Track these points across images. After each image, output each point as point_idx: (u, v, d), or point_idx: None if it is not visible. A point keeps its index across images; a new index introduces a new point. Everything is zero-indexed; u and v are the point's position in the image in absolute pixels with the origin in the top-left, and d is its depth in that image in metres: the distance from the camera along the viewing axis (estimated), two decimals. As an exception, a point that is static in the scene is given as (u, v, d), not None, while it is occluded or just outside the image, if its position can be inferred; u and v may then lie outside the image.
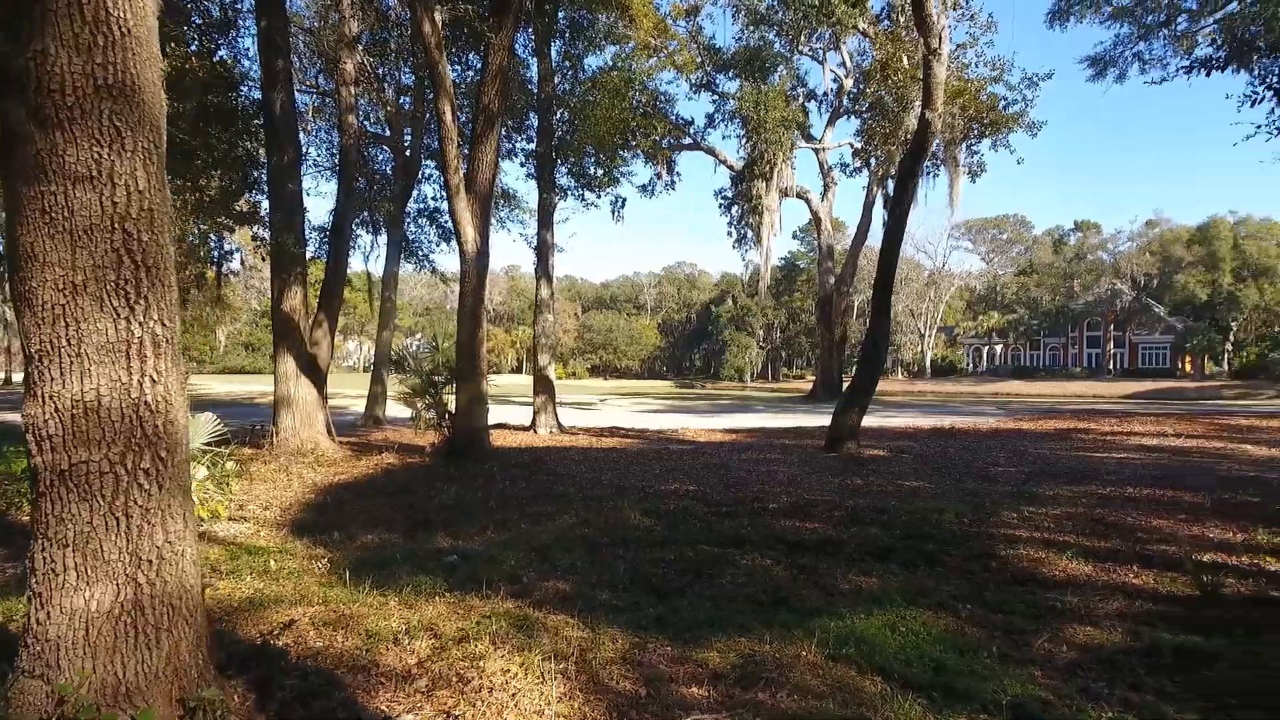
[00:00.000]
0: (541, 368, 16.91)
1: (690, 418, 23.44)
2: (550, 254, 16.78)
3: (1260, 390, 70.44)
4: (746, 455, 12.85)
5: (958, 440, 15.10)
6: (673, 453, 13.29)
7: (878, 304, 12.87)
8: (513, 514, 8.00)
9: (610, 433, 17.47)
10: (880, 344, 12.77)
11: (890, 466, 11.30)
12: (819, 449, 13.29)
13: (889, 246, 12.69)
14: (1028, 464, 11.55)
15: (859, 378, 12.93)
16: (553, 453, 12.99)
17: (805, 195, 31.34)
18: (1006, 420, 19.87)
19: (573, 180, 17.28)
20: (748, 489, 9.45)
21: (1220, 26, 30.78)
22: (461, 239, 10.40)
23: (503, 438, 15.65)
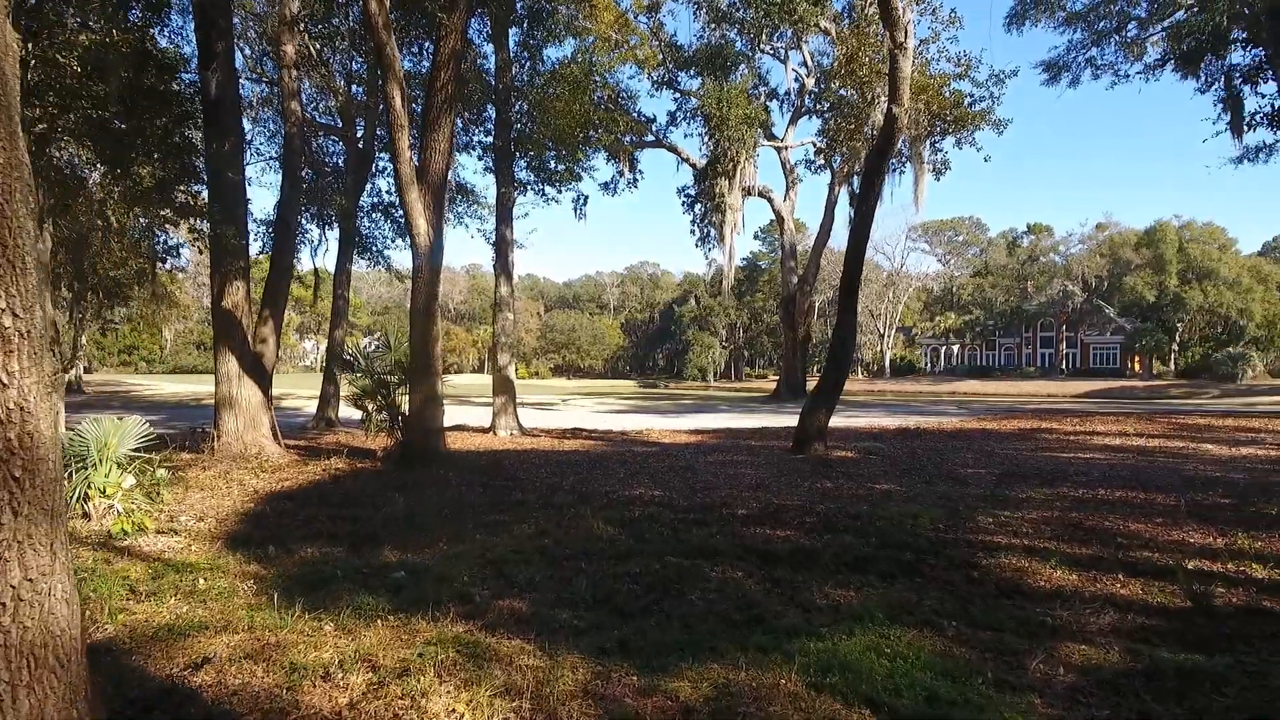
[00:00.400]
0: (501, 367, 16.36)
1: (654, 418, 23.07)
2: (509, 250, 16.24)
3: (1205, 389, 72.74)
4: (713, 457, 12.51)
5: (924, 441, 14.97)
6: (637, 455, 12.88)
7: (844, 303, 12.63)
8: (467, 524, 7.51)
9: (573, 434, 16.99)
10: (847, 343, 12.54)
11: (859, 469, 11.04)
12: (786, 450, 13.00)
13: (855, 244, 12.45)
14: (996, 465, 11.40)
15: (826, 378, 12.67)
16: (512, 456, 12.48)
17: (768, 194, 31.24)
18: (969, 420, 19.88)
19: (532, 175, 16.77)
20: (715, 493, 9.09)
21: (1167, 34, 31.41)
22: (414, 232, 9.83)
23: (461, 440, 15.09)
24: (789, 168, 31.74)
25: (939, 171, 24.64)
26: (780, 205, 31.28)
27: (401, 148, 9.43)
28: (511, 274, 16.39)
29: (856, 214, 12.35)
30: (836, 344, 12.63)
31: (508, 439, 15.48)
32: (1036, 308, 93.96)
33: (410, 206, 9.75)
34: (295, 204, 13.01)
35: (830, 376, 12.63)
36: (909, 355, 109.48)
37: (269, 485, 9.68)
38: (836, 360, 12.63)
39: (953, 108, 21.51)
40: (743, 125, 23.88)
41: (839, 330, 12.63)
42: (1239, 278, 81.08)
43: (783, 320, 33.16)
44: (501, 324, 16.29)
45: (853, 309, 12.59)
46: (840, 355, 12.56)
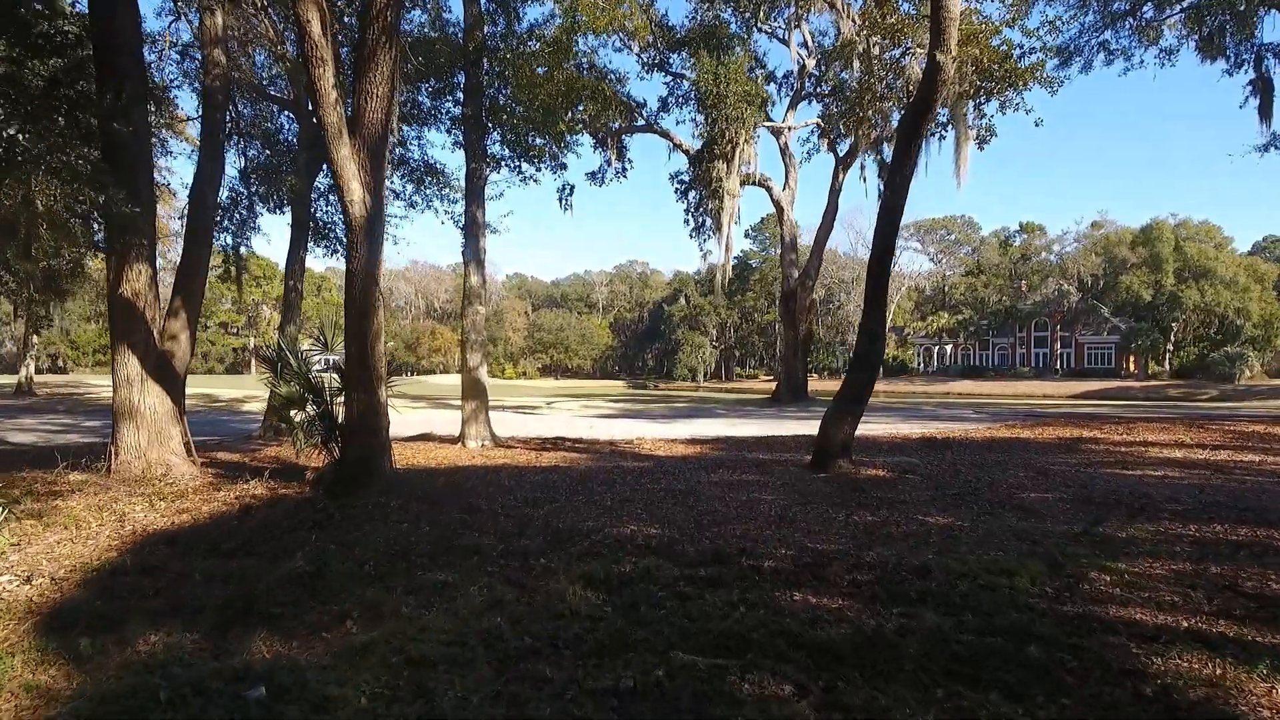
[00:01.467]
0: (471, 369, 14.27)
1: (645, 424, 21.04)
2: (481, 234, 14.17)
3: (1202, 389, 71.68)
4: (718, 476, 10.50)
5: (958, 453, 13.03)
6: (627, 473, 10.86)
7: (872, 293, 10.67)
8: (395, 585, 5.47)
9: (554, 445, 14.94)
10: (877, 340, 10.57)
11: (899, 492, 9.06)
12: (804, 467, 11.01)
13: (887, 223, 10.48)
14: (1060, 487, 9.46)
15: (853, 381, 10.68)
16: (478, 476, 10.41)
17: (766, 183, 29.24)
18: (995, 426, 17.97)
19: (508, 149, 14.73)
20: (729, 531, 7.09)
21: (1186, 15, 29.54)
22: (346, 198, 7.78)
23: (422, 454, 13.01)
24: (788, 155, 29.80)
25: (982, 139, 21.94)
26: (779, 195, 29.31)
27: (324, 88, 7.36)
28: (483, 261, 14.31)
29: (888, 186, 10.38)
30: (864, 342, 10.64)
31: (478, 451, 13.42)
32: (1031, 307, 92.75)
33: (340, 166, 7.68)
34: (216, 176, 10.89)
35: (857, 380, 10.64)
36: (901, 355, 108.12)
37: (157, 521, 7.59)
38: (865, 361, 10.64)
39: (1001, 60, 18.79)
40: (742, 103, 21.88)
41: (867, 325, 10.64)
42: (1236, 276, 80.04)
43: (782, 318, 31.20)
44: (472, 319, 14.21)
45: (882, 301, 10.63)
46: (869, 355, 10.58)
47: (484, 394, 14.32)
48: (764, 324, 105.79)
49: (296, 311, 16.83)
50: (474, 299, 14.15)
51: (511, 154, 14.67)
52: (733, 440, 15.65)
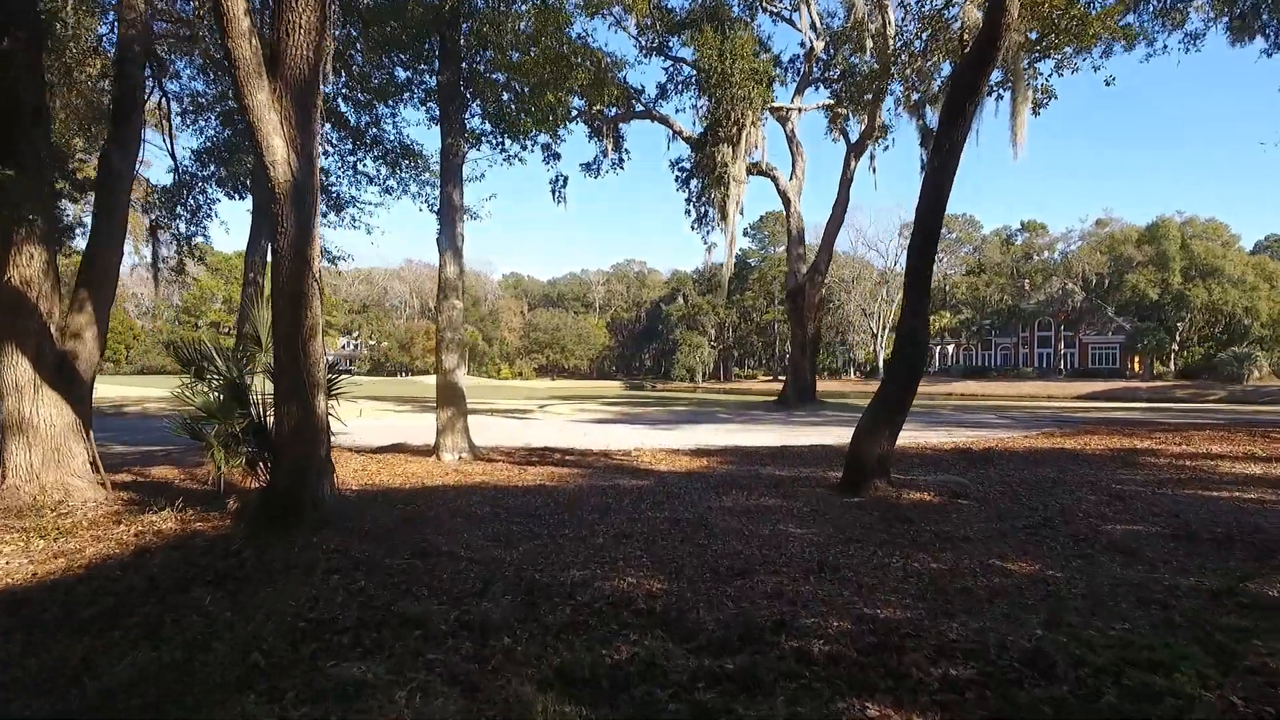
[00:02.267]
0: (447, 371, 12.59)
1: (644, 431, 19.38)
2: (458, 219, 12.48)
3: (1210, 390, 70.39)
4: (732, 500, 8.84)
5: (1002, 467, 11.39)
6: (624, 494, 9.20)
7: (913, 282, 9.01)
8: (288, 688, 3.80)
9: (541, 457, 13.27)
10: (920, 338, 8.90)
11: (956, 523, 7.41)
12: (831, 488, 9.35)
13: (933, 200, 8.81)
14: (1146, 515, 7.83)
15: (893, 385, 9.00)
16: (445, 500, 8.74)
17: (772, 173, 27.57)
18: (1032, 435, 16.33)
19: (489, 124, 13.05)
20: (756, 586, 5.43)
21: (1213, 0, 27.91)
22: (266, 156, 6.10)
23: (388, 470, 11.33)
24: (795, 143, 28.12)
25: (1039, 105, 19.56)
26: (785, 185, 27.64)
27: (232, 10, 5.68)
28: (460, 249, 12.61)
29: (935, 156, 8.72)
30: (904, 339, 8.97)
31: (453, 466, 11.75)
32: (1034, 307, 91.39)
33: (257, 115, 6.00)
34: (132, 145, 9.17)
35: (898, 382, 8.97)
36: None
37: (16, 572, 5.91)
38: (905, 366, 8.97)
39: (1067, 5, 16.32)
40: (749, 81, 20.22)
41: (908, 324, 8.97)
42: (1244, 275, 78.68)
43: (790, 315, 29.48)
44: (447, 314, 12.52)
45: (924, 294, 8.99)
46: (910, 355, 8.91)
47: (461, 399, 12.64)
48: (763, 323, 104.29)
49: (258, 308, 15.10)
50: (450, 292, 12.46)
51: (493, 129, 12.99)
52: (742, 451, 13.99)
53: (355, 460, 12.27)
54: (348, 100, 15.80)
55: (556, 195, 29.96)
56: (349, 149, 16.23)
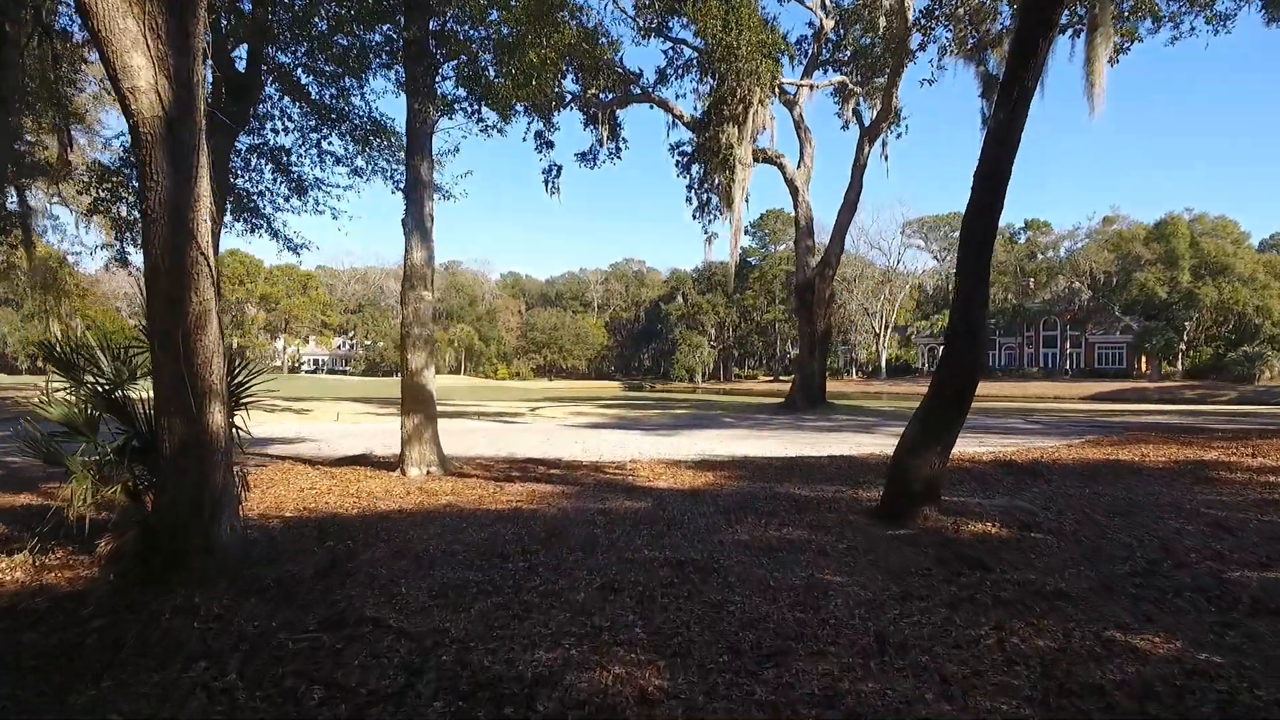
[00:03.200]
0: (414, 372, 10.92)
1: (642, 437, 17.72)
2: (426, 196, 10.82)
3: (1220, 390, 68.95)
4: (747, 530, 7.18)
5: (1058, 485, 9.77)
6: (615, 523, 7.55)
7: (969, 265, 7.37)
8: None
9: (522, 470, 11.62)
10: (981, 326, 7.23)
11: (1041, 571, 5.75)
12: (868, 515, 7.70)
13: (996, 161, 7.16)
14: (1273, 554, 6.18)
15: (946, 389, 7.32)
16: (393, 533, 7.06)
17: (778, 160, 25.91)
18: (1076, 444, 14.68)
19: (464, 88, 11.36)
20: (795, 683, 3.78)
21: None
22: (122, 79, 4.45)
23: (338, 488, 9.67)
24: (803, 128, 26.46)
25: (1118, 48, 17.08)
26: (793, 173, 25.98)
27: None
28: (429, 232, 10.94)
29: (998, 109, 7.06)
30: (960, 333, 7.29)
31: (418, 483, 10.08)
32: (1040, 306, 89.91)
33: (105, 22, 4.36)
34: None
35: (950, 388, 7.29)
36: (904, 355, 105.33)
37: None
38: (963, 361, 7.29)
39: None
40: (757, 54, 18.54)
41: (966, 308, 7.29)
42: (1255, 274, 77.16)
43: (797, 312, 27.75)
44: (414, 307, 10.84)
45: (984, 277, 7.34)
46: (967, 352, 7.24)
47: (430, 405, 10.96)
48: (764, 323, 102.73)
49: (207, 301, 13.45)
50: (417, 280, 10.79)
51: (468, 95, 11.32)
52: (752, 463, 12.33)
53: (307, 476, 10.62)
54: (309, 71, 14.15)
55: (550, 186, 28.47)
56: (311, 125, 14.58)
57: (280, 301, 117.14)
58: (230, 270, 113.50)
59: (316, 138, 14.66)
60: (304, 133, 14.64)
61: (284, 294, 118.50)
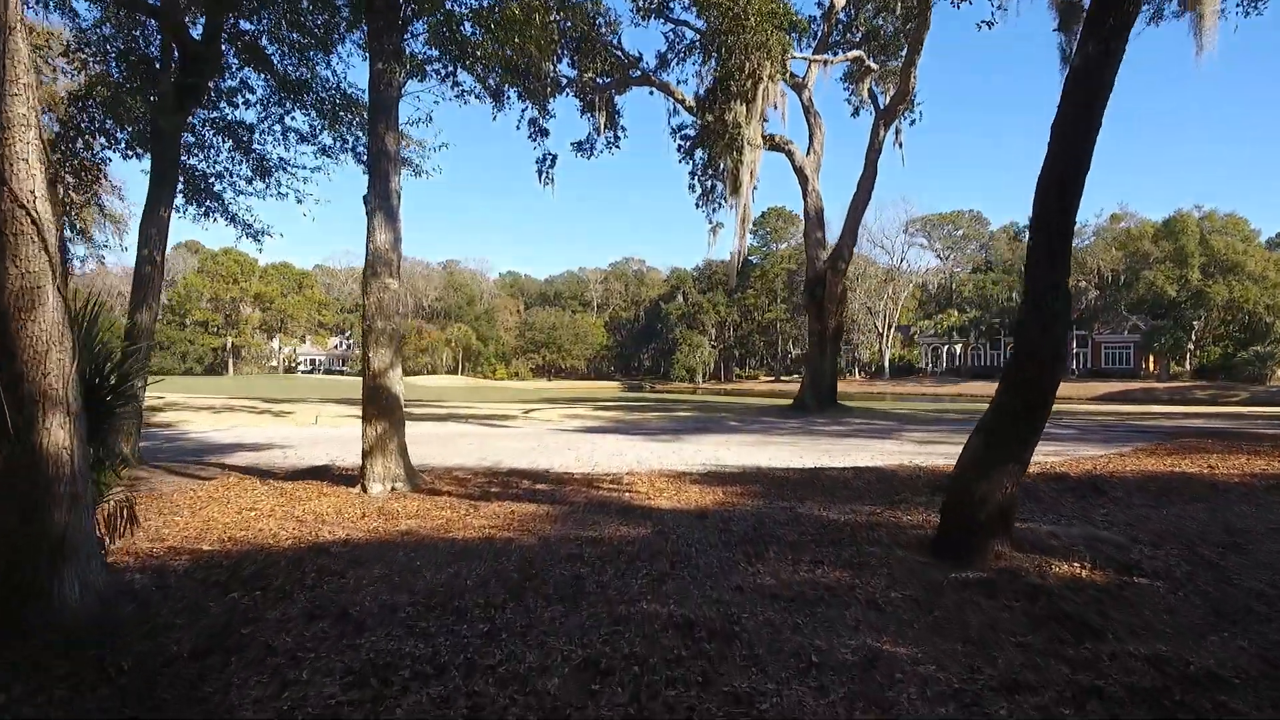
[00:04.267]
0: (377, 373, 9.46)
1: (640, 443, 16.25)
2: (392, 170, 9.37)
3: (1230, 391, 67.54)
4: (771, 572, 5.72)
5: (1125, 504, 8.33)
6: (606, 557, 6.11)
7: (1050, 249, 5.90)
8: None
9: (503, 485, 10.17)
10: (1059, 319, 5.76)
11: (1174, 641, 4.29)
12: (918, 547, 6.24)
13: (1075, 114, 5.70)
14: None
15: (1015, 393, 5.84)
16: (321, 579, 5.57)
17: (786, 147, 24.42)
18: (1123, 450, 13.23)
19: (436, 48, 9.88)
20: None
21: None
22: None
23: (283, 509, 8.20)
24: (812, 113, 24.96)
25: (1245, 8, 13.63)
26: (802, 160, 24.50)
27: None
28: (395, 211, 9.47)
29: (1088, 38, 5.61)
30: (1037, 327, 5.82)
31: (378, 502, 8.62)
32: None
33: None
34: None
35: (1022, 390, 5.82)
36: (907, 355, 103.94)
37: None
38: (1033, 356, 5.83)
39: None
40: (767, 25, 17.08)
41: (1039, 292, 5.83)
42: (1266, 272, 75.74)
43: (807, 308, 26.27)
44: (377, 297, 9.37)
45: (1066, 253, 5.88)
46: (1048, 349, 5.77)
47: (396, 411, 9.49)
48: (766, 322, 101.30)
49: (154, 293, 12.01)
50: (381, 266, 9.32)
51: (441, 54, 9.86)
52: (766, 476, 10.86)
53: (252, 493, 9.17)
54: (274, 38, 12.71)
55: (543, 176, 27.00)
56: (275, 98, 13.13)
57: (275, 300, 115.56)
58: (224, 269, 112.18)
59: (280, 112, 13.21)
60: (266, 106, 13.19)
61: (279, 293, 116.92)
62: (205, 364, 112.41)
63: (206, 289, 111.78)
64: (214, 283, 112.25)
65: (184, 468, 11.85)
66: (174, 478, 10.84)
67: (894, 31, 23.75)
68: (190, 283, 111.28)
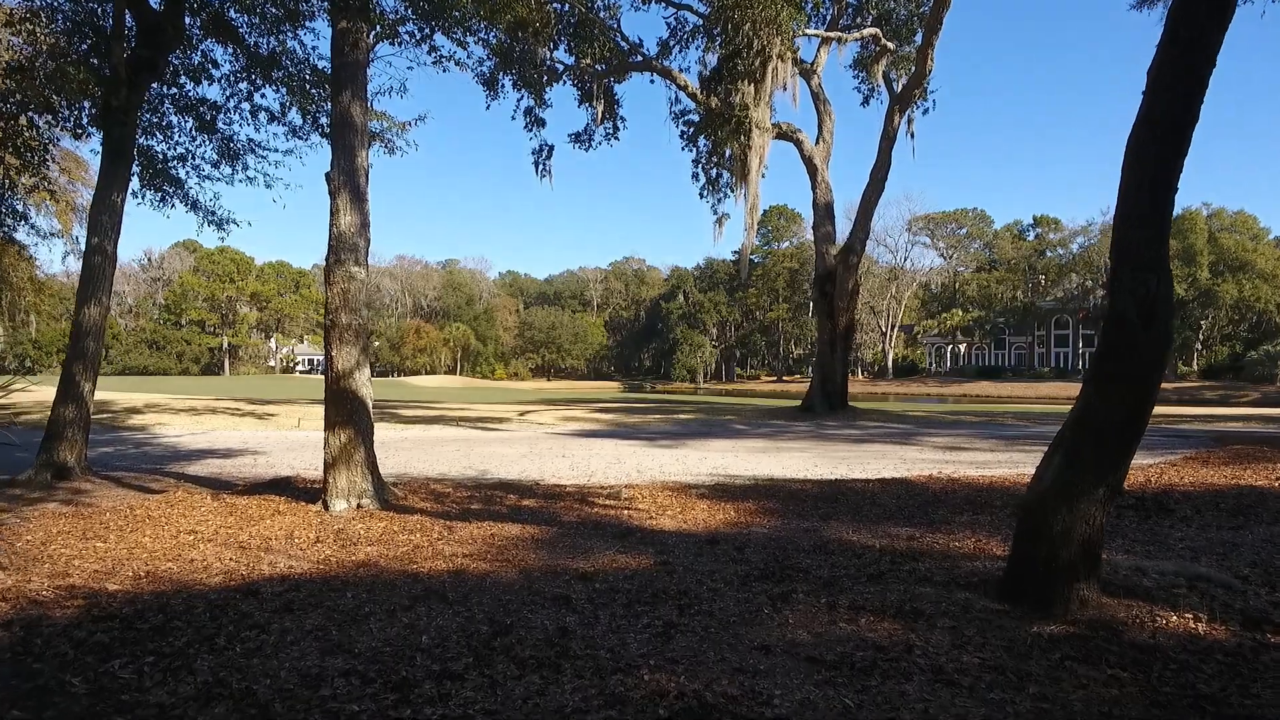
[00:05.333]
0: (342, 374, 8.32)
1: (641, 449, 15.13)
2: (357, 144, 8.25)
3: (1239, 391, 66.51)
4: (803, 623, 4.59)
5: (1201, 527, 7.20)
6: (598, 601, 5.02)
7: (1142, 219, 4.77)
8: None
9: (488, 499, 9.05)
10: (1159, 309, 4.63)
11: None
12: (983, 588, 5.11)
13: (1179, 59, 4.57)
14: None
15: (1105, 400, 4.72)
16: (236, 633, 4.45)
17: (795, 135, 23.25)
18: (1172, 459, 12.09)
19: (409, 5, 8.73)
20: None
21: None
22: None
23: (226, 532, 7.07)
24: (821, 100, 23.81)
25: None
26: (811, 149, 23.35)
27: None
28: (361, 190, 8.34)
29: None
30: (1127, 320, 4.68)
31: (339, 523, 7.50)
32: (1052, 304, 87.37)
33: None
34: None
35: (1114, 398, 4.70)
36: (911, 355, 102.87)
37: None
38: (1128, 357, 4.69)
39: None
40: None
41: (1135, 280, 4.70)
42: (1276, 270, 74.65)
43: (816, 305, 25.06)
44: (341, 287, 8.24)
45: (1161, 229, 4.76)
46: (1135, 346, 4.64)
47: (363, 417, 8.35)
48: (768, 322, 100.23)
49: (104, 286, 10.87)
50: (346, 253, 8.19)
51: (412, 11, 8.72)
52: (782, 489, 9.73)
53: (198, 511, 8.05)
54: (241, 8, 11.60)
55: (540, 168, 25.94)
56: (242, 74, 12.01)
57: (272, 300, 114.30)
58: (220, 268, 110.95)
59: (247, 88, 12.08)
60: (232, 82, 12.06)
61: (276, 292, 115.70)
62: (202, 364, 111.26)
63: (202, 288, 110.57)
64: (210, 282, 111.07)
65: (137, 479, 10.74)
66: (121, 491, 9.74)
67: (907, 15, 22.64)
68: (186, 282, 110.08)
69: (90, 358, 10.84)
